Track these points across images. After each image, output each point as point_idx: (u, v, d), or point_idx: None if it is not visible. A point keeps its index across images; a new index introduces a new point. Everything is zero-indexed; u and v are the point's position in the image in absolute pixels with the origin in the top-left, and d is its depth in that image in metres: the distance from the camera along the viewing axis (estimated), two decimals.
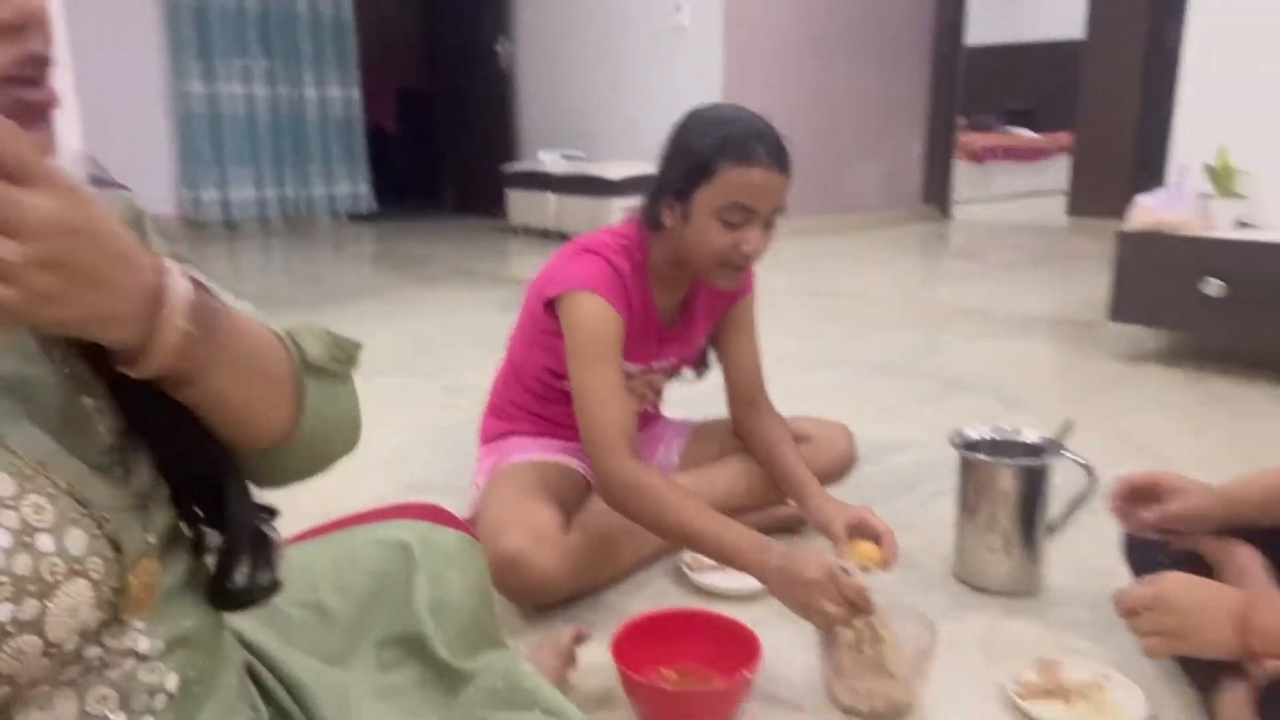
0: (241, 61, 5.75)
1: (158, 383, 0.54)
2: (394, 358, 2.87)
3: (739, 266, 1.36)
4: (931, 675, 1.13)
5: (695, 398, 1.80)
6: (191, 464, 0.62)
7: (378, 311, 3.63)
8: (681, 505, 1.28)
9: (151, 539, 0.58)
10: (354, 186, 6.46)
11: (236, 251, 5.29)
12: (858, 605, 1.10)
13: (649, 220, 1.39)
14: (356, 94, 6.36)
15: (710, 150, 1.29)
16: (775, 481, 1.55)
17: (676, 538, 1.33)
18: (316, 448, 0.69)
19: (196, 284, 0.52)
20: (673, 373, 1.60)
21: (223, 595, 0.66)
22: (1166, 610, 0.97)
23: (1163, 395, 2.46)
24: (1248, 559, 1.05)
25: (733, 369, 1.59)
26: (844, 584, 1.10)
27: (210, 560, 0.65)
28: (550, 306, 1.41)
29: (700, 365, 1.63)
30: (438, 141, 7.20)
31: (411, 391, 2.53)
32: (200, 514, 0.65)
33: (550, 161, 5.55)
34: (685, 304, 1.51)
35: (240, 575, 0.65)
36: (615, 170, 5.00)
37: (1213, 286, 2.48)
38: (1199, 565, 1.08)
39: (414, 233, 6.09)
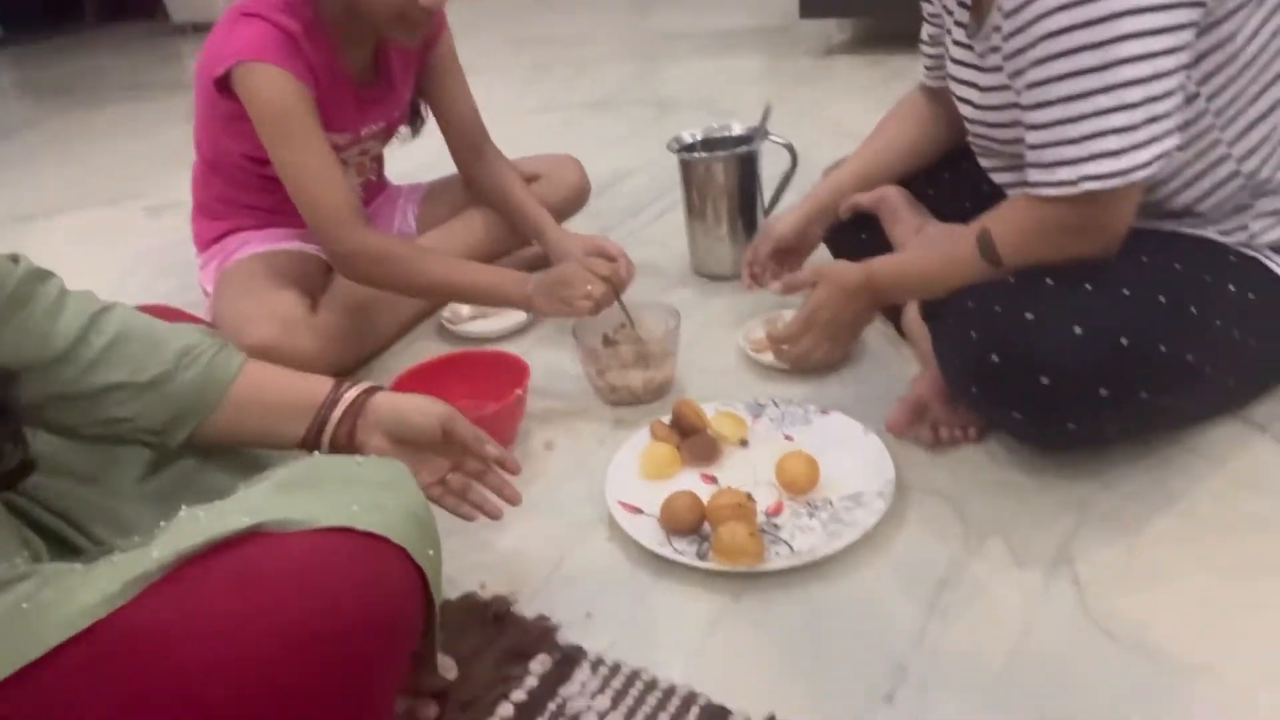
0: None
1: None
2: (80, 191, 2.55)
3: (417, 21, 1.25)
4: (683, 355, 1.26)
5: (420, 165, 1.76)
6: None
7: (43, 146, 3.16)
8: (431, 263, 1.29)
9: None
10: None
11: None
12: (611, 280, 1.23)
13: None
14: None
15: None
16: (513, 225, 1.57)
17: (435, 294, 1.35)
18: None
19: None
20: (386, 137, 1.53)
21: None
22: (820, 330, 1.16)
23: (852, 80, 2.66)
24: (896, 199, 1.21)
25: (448, 118, 1.54)
26: (593, 265, 1.23)
27: None
28: (224, 86, 1.28)
29: (414, 121, 1.57)
30: None
31: (110, 222, 2.28)
32: None
33: None
34: (377, 59, 1.42)
35: None
36: None
37: None
38: (869, 217, 1.24)
39: (59, 54, 5.16)
